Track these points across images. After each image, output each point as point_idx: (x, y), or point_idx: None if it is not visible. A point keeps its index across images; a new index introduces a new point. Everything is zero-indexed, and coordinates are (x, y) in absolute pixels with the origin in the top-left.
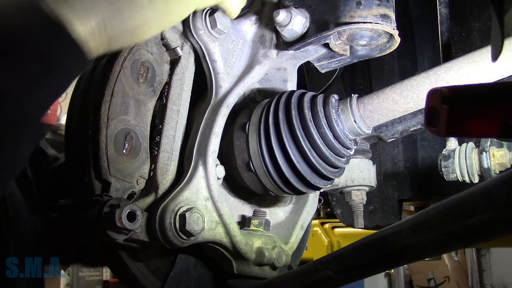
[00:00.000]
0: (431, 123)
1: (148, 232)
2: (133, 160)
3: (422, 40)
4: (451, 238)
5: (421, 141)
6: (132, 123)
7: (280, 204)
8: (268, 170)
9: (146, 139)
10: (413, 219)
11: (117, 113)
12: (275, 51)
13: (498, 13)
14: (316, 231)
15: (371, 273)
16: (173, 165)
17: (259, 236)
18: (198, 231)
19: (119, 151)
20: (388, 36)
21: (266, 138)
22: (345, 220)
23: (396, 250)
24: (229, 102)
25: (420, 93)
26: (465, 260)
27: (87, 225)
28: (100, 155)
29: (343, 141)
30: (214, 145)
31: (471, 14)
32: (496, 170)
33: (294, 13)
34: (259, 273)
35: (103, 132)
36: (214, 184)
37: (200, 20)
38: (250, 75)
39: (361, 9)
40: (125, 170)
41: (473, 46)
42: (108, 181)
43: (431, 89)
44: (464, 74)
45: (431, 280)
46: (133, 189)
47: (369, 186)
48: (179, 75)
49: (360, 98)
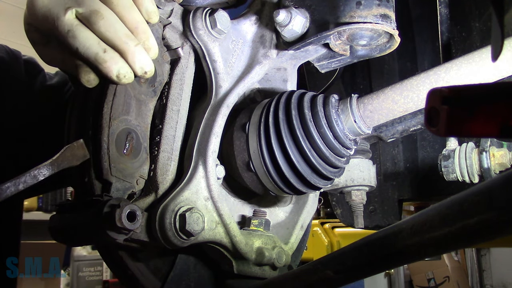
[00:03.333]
0: (431, 123)
1: (148, 232)
2: (134, 160)
3: (422, 40)
4: (451, 238)
5: (421, 141)
6: (133, 123)
7: (280, 204)
8: (268, 170)
9: (146, 139)
10: (413, 219)
11: (119, 113)
12: (275, 51)
13: (498, 13)
14: (316, 231)
15: (371, 273)
16: (173, 165)
17: (259, 236)
18: (198, 231)
19: (120, 151)
20: (388, 36)
21: (266, 138)
22: (345, 220)
23: (396, 250)
24: (229, 102)
25: (420, 93)
26: (465, 260)
27: (87, 225)
28: (102, 155)
29: (343, 141)
30: (214, 145)
31: (471, 14)
32: (496, 170)
33: (294, 13)
34: (259, 273)
35: (105, 132)
36: (214, 184)
37: (200, 20)
38: (250, 75)
39: (361, 9)
40: (126, 170)
41: (473, 46)
42: (109, 181)
43: (431, 89)
44: (464, 74)
45: (431, 280)
46: (133, 189)
47: (369, 186)
48: (179, 75)
49: (360, 98)
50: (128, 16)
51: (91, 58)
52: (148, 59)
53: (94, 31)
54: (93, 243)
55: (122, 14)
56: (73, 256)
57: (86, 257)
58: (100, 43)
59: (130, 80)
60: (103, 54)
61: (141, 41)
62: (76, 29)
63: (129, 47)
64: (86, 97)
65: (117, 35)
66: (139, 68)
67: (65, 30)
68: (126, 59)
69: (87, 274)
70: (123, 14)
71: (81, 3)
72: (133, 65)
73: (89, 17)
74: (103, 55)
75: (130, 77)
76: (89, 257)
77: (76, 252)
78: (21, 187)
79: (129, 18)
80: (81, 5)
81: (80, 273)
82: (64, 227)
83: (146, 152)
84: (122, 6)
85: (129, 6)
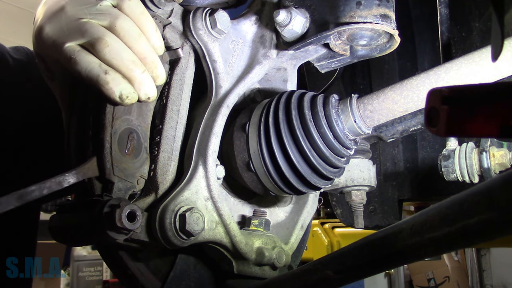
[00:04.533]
0: (431, 123)
1: (148, 232)
2: (135, 160)
3: (422, 40)
4: (451, 238)
5: (421, 141)
6: (134, 123)
7: (280, 204)
8: (268, 170)
9: (147, 139)
10: (413, 219)
11: (121, 112)
12: (275, 51)
13: (498, 13)
14: (316, 231)
15: (371, 273)
16: (173, 165)
17: (259, 236)
18: (198, 231)
19: (122, 151)
20: (388, 36)
21: (266, 138)
22: (345, 220)
23: (396, 250)
24: (229, 102)
25: (420, 93)
26: (465, 260)
27: (87, 225)
28: (105, 155)
29: (343, 141)
30: (214, 145)
31: (471, 14)
32: (496, 170)
33: (294, 13)
34: (259, 273)
35: (108, 131)
36: (214, 184)
37: (200, 20)
38: (250, 75)
39: (361, 9)
40: (127, 170)
41: (473, 46)
42: (112, 181)
43: (431, 89)
44: (464, 74)
45: (431, 280)
46: (134, 189)
47: (369, 186)
48: (179, 75)
49: (360, 98)
50: (135, 45)
51: (93, 81)
52: (153, 86)
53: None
54: (93, 243)
55: (130, 44)
56: (73, 256)
57: (86, 257)
58: (101, 65)
59: (133, 101)
60: (105, 76)
61: (150, 70)
62: (78, 54)
63: (136, 74)
64: (86, 98)
65: (123, 62)
66: (144, 94)
67: (68, 56)
68: (133, 86)
69: (87, 274)
70: (131, 43)
71: (84, 32)
72: (138, 92)
73: (94, 45)
74: (105, 76)
75: (134, 98)
76: (89, 257)
77: (76, 252)
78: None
79: (137, 47)
80: (85, 35)
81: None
82: (64, 227)
83: (146, 152)
84: (130, 35)
85: (136, 36)
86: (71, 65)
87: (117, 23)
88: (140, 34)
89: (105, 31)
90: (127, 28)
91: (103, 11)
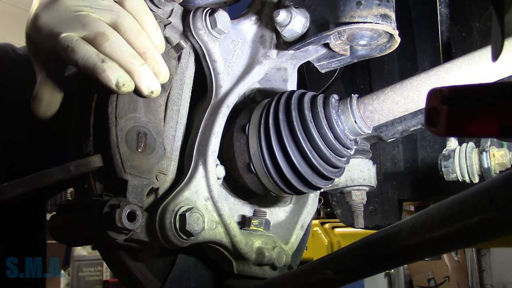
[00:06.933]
0: (431, 123)
1: (148, 232)
2: (149, 156)
3: (422, 40)
4: (451, 238)
5: (421, 141)
6: (143, 120)
7: (280, 204)
8: (269, 171)
9: (160, 135)
10: (413, 219)
11: (126, 111)
12: (275, 51)
13: (498, 13)
14: (316, 231)
15: (371, 273)
16: (173, 165)
17: (259, 236)
18: (198, 231)
19: (133, 149)
20: (388, 36)
21: (266, 139)
22: (345, 220)
23: (396, 250)
24: (229, 102)
25: (421, 93)
26: (465, 260)
27: (87, 225)
28: (112, 154)
29: (344, 141)
30: (214, 145)
31: (471, 14)
32: (496, 170)
33: (294, 13)
34: (259, 273)
35: (113, 131)
36: (214, 184)
37: (200, 20)
38: (250, 75)
39: (361, 9)
40: (141, 167)
41: (473, 46)
42: (125, 179)
43: (431, 89)
44: (464, 74)
45: (431, 280)
46: (153, 185)
47: (369, 186)
48: (179, 75)
49: (360, 98)
50: (136, 40)
51: (90, 69)
52: (154, 80)
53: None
54: (93, 243)
55: (130, 39)
56: (73, 256)
57: (86, 257)
58: (99, 54)
59: (130, 89)
60: (101, 64)
61: (150, 65)
62: (76, 43)
63: (135, 66)
64: (86, 98)
65: (123, 55)
66: (146, 87)
67: (65, 45)
68: (133, 78)
69: (87, 274)
70: (131, 39)
71: (85, 25)
72: (139, 84)
73: (94, 39)
74: (101, 64)
75: (130, 86)
76: (89, 257)
77: (76, 252)
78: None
79: (137, 42)
80: (86, 28)
81: (80, 273)
82: (64, 227)
83: (162, 148)
84: (131, 31)
85: (137, 32)
86: (67, 54)
87: (118, 20)
88: (141, 30)
89: (106, 26)
90: (128, 24)
91: (105, 7)
